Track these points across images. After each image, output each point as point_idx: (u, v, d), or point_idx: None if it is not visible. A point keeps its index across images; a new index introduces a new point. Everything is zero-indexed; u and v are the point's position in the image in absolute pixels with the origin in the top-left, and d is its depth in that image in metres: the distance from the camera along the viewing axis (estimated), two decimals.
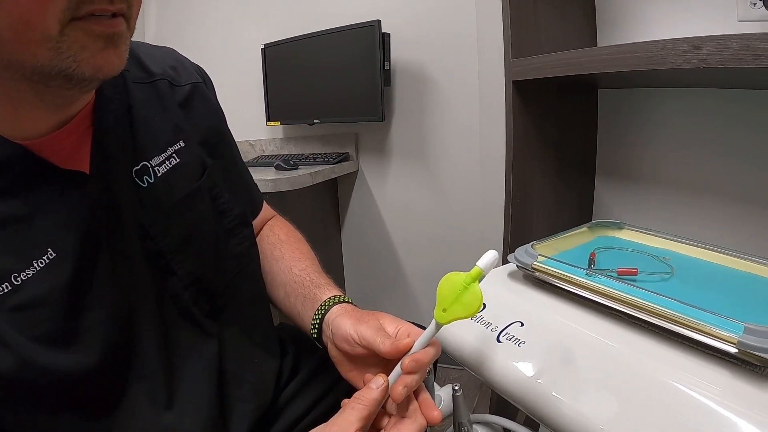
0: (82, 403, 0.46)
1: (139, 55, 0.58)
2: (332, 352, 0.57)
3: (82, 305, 0.45)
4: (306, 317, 0.62)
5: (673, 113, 1.04)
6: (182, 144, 0.57)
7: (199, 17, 2.18)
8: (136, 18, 0.43)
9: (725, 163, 0.98)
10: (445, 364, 0.76)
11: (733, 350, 0.43)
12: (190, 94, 0.61)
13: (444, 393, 0.65)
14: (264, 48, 1.87)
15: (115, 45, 0.39)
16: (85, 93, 0.46)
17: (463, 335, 0.61)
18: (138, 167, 0.52)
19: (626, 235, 0.78)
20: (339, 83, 1.69)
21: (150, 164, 0.53)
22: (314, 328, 0.60)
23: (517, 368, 0.53)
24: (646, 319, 0.51)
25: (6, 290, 0.40)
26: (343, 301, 0.61)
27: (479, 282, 0.45)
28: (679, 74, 0.77)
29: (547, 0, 1.00)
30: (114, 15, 0.38)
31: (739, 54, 0.56)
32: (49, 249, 0.43)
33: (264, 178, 1.44)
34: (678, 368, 0.46)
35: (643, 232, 0.77)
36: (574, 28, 1.08)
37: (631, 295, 0.53)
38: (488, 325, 0.60)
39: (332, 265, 1.95)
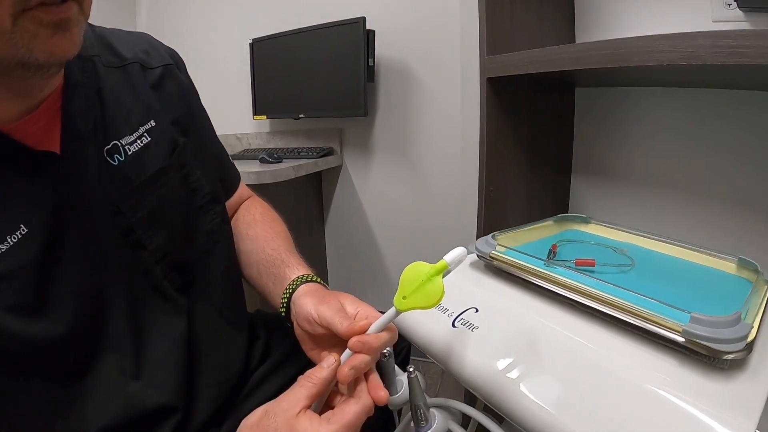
0: (51, 370, 0.48)
1: (111, 41, 0.59)
2: (297, 330, 0.59)
3: (52, 278, 0.47)
4: (276, 296, 0.64)
5: (650, 112, 1.06)
6: (153, 123, 0.59)
7: (190, 12, 2.19)
8: (90, 1, 0.44)
9: (699, 161, 1.00)
10: (417, 356, 0.77)
11: (680, 339, 0.44)
12: (162, 75, 0.63)
13: (405, 378, 0.66)
14: (252, 43, 1.88)
15: (64, 29, 0.41)
16: (46, 78, 0.47)
17: (419, 320, 0.63)
18: (109, 146, 0.54)
19: (592, 229, 0.80)
20: (324, 78, 1.70)
21: (120, 143, 0.55)
22: (283, 306, 0.61)
23: (469, 352, 0.55)
24: (596, 307, 0.52)
25: None
26: (311, 281, 0.62)
27: (444, 276, 0.46)
28: (652, 72, 0.79)
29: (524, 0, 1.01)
30: (63, 1, 0.40)
31: (700, 51, 0.57)
32: (22, 225, 0.45)
33: (248, 170, 1.45)
34: (626, 356, 0.47)
35: (608, 227, 0.79)
36: (552, 28, 1.09)
37: (584, 284, 0.54)
38: (445, 311, 0.62)
39: (315, 257, 1.96)
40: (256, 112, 1.93)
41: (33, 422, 0.47)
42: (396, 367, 0.61)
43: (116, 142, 0.55)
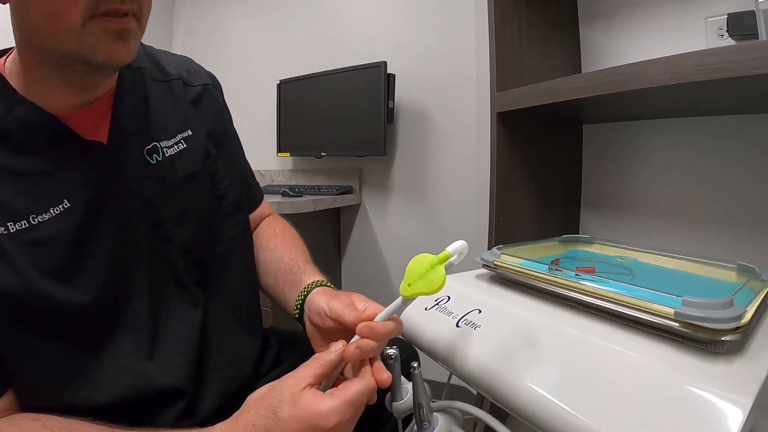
0: (71, 336, 0.51)
1: (159, 59, 0.68)
2: (308, 328, 0.62)
3: (85, 251, 0.53)
4: (291, 299, 0.67)
5: (658, 144, 1.09)
6: (189, 133, 0.66)
7: (223, 52, 2.36)
8: (147, 18, 0.53)
9: (705, 186, 1.01)
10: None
11: (673, 324, 0.45)
12: (201, 93, 0.71)
13: (410, 386, 0.68)
14: (279, 83, 2.00)
15: (124, 39, 0.49)
16: (101, 78, 0.56)
17: (424, 323, 0.65)
18: (149, 146, 0.61)
19: (596, 248, 0.82)
20: (346, 119, 1.79)
21: (160, 145, 0.62)
22: (297, 309, 0.65)
23: (473, 349, 0.57)
24: (594, 302, 0.54)
25: (23, 227, 0.49)
26: (326, 285, 0.66)
27: (446, 267, 0.49)
28: (649, 99, 0.83)
29: (532, 37, 1.09)
30: (125, 14, 0.48)
31: (688, 71, 0.62)
32: (65, 200, 0.52)
33: (269, 201, 1.51)
34: (626, 347, 0.47)
35: (611, 245, 0.81)
36: (558, 64, 1.16)
37: (584, 282, 0.57)
38: (450, 314, 0.64)
39: None
40: (280, 150, 2.03)
41: (45, 385, 0.51)
42: (402, 376, 0.62)
43: (156, 143, 0.62)
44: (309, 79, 1.90)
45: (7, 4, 0.48)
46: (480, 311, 0.62)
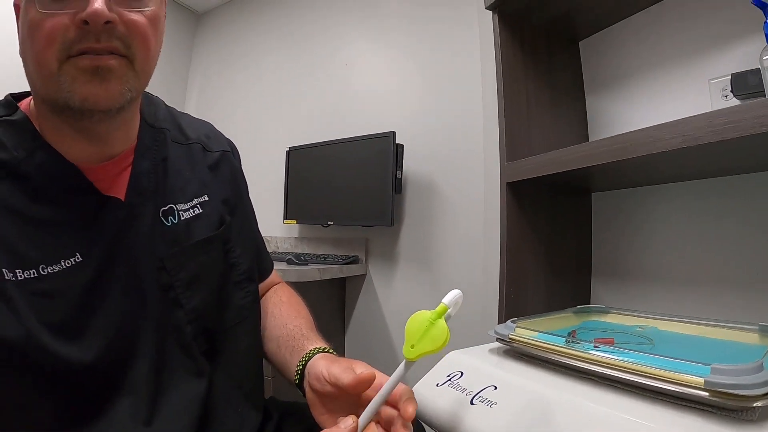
0: (66, 393, 0.49)
1: (180, 122, 0.70)
2: (308, 394, 0.59)
3: (92, 308, 0.51)
4: (291, 365, 0.64)
5: (667, 209, 1.07)
6: (206, 198, 0.66)
7: (234, 119, 2.45)
8: (145, 60, 0.52)
9: (722, 251, 0.98)
10: None
11: (703, 393, 0.43)
12: (219, 159, 0.72)
13: None
14: (288, 151, 2.05)
15: (101, 78, 0.47)
16: (99, 126, 0.53)
17: (438, 401, 0.61)
18: (165, 208, 0.61)
19: (612, 318, 0.79)
20: (354, 188, 1.81)
21: (176, 208, 0.62)
22: (297, 374, 0.62)
23: (489, 429, 0.53)
24: (616, 375, 0.51)
25: (32, 276, 0.48)
26: (328, 351, 0.63)
27: (446, 320, 0.47)
28: (658, 164, 0.83)
29: (540, 105, 1.11)
30: (100, 53, 0.47)
31: (698, 133, 0.62)
32: (78, 253, 0.51)
33: (274, 268, 1.50)
34: (651, 420, 0.44)
35: (627, 314, 0.78)
36: (566, 131, 1.18)
37: (604, 354, 0.54)
38: (463, 390, 0.61)
39: None
40: (286, 217, 2.03)
41: None
42: None
43: (172, 205, 0.62)
44: (318, 147, 1.95)
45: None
46: (496, 387, 0.59)
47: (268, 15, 2.47)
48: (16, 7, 0.50)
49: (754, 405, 0.41)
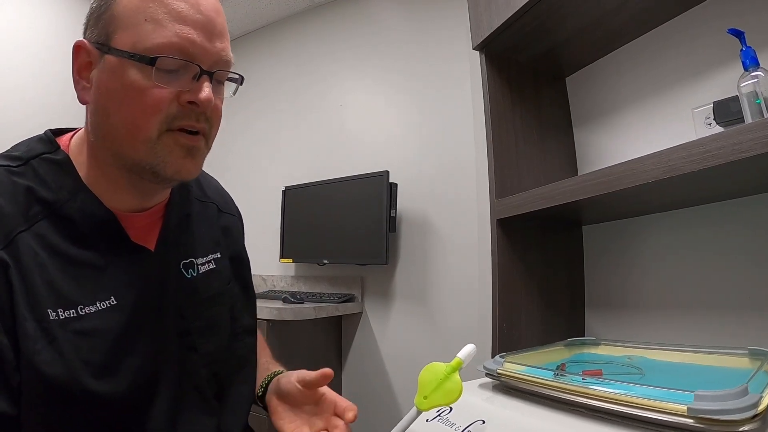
0: (97, 426, 0.52)
1: (200, 179, 0.75)
2: (271, 402, 0.67)
3: (125, 349, 0.54)
4: (257, 379, 0.73)
5: (658, 239, 1.07)
6: (219, 255, 0.71)
7: (231, 160, 2.49)
8: (213, 138, 0.58)
9: (712, 277, 0.97)
10: None
11: (687, 421, 0.43)
12: (230, 222, 0.77)
13: None
14: (284, 190, 2.07)
15: (192, 156, 0.54)
16: (164, 188, 0.61)
17: None
18: (186, 261, 0.65)
19: (603, 350, 0.80)
20: (349, 227, 1.83)
21: (195, 261, 0.67)
22: (262, 388, 0.71)
23: None
24: (603, 406, 0.51)
25: (72, 315, 0.51)
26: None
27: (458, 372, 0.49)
28: (643, 194, 0.84)
29: (529, 142, 1.14)
30: (197, 132, 0.53)
31: (679, 163, 0.64)
32: (112, 296, 0.54)
33: (270, 306, 1.50)
34: None
35: (618, 345, 0.78)
36: (555, 165, 1.20)
37: (592, 387, 0.54)
38: (452, 425, 0.61)
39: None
40: (282, 255, 2.04)
41: None
42: None
43: (192, 259, 0.66)
44: (313, 186, 1.98)
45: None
46: (484, 421, 0.58)
47: (263, 56, 2.55)
48: (78, 48, 0.52)
49: (740, 430, 0.41)
